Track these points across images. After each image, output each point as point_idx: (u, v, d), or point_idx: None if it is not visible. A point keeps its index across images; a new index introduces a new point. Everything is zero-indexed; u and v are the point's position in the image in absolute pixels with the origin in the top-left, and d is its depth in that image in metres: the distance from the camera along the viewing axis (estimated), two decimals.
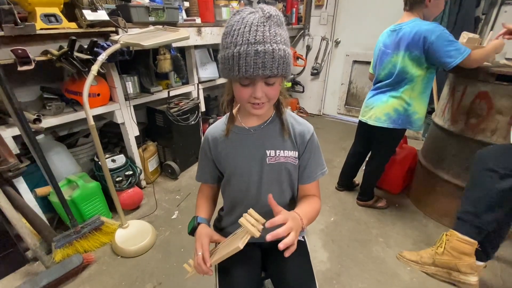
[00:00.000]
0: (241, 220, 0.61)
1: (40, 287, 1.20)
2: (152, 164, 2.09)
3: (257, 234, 0.58)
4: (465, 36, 1.48)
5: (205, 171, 0.85)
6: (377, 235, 1.61)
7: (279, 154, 0.74)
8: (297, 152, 0.76)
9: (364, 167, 1.84)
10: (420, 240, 1.56)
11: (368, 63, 3.05)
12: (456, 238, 1.20)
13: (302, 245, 0.85)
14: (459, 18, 2.36)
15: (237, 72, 0.57)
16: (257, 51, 0.55)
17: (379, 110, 1.53)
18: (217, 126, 0.80)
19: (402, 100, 1.46)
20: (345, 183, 2.02)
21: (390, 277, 1.35)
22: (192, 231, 0.79)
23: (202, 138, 0.83)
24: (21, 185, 1.37)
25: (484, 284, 1.29)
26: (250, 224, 0.60)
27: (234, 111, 0.77)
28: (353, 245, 1.54)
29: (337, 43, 3.22)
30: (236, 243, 0.63)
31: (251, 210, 0.62)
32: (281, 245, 0.57)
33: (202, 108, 2.33)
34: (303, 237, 0.90)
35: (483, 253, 1.21)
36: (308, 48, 3.40)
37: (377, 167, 1.73)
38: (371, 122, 1.57)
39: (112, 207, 1.70)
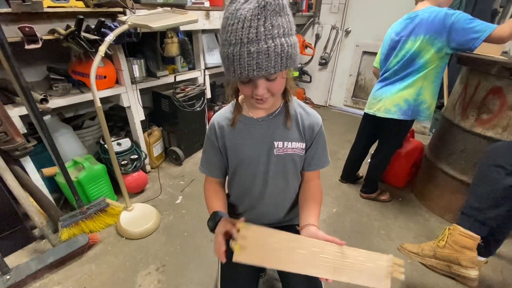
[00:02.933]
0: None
1: (47, 264, 1.24)
2: (157, 149, 2.10)
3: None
4: None
5: (212, 163, 0.81)
6: (379, 227, 1.62)
7: (286, 146, 0.74)
8: (304, 144, 0.76)
9: (368, 160, 1.83)
10: (422, 234, 1.57)
11: None
12: (458, 232, 1.20)
13: None
14: (475, 11, 2.28)
15: (233, 74, 0.55)
16: (250, 52, 0.52)
17: (388, 101, 1.51)
18: (223, 115, 0.77)
19: (413, 90, 1.43)
20: (349, 176, 2.01)
21: None
22: (214, 228, 0.69)
23: (208, 126, 0.80)
24: (28, 164, 1.38)
25: (484, 280, 1.31)
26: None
27: (240, 99, 0.75)
28: (355, 236, 1.55)
29: (347, 32, 3.14)
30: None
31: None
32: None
33: (208, 95, 2.31)
34: None
35: (486, 249, 1.21)
36: (317, 37, 3.33)
37: (383, 159, 1.72)
38: (380, 114, 1.55)
39: (117, 190, 1.72)
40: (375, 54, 2.98)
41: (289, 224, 0.88)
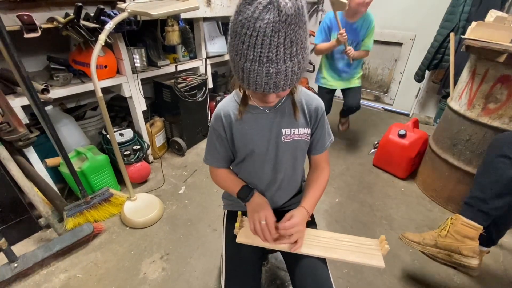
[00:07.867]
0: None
1: (53, 252, 1.26)
2: (159, 140, 2.10)
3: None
4: (492, 14, 1.39)
5: (218, 154, 0.81)
6: (381, 217, 1.63)
7: (294, 132, 0.75)
8: (309, 129, 0.77)
9: (372, 150, 1.84)
10: (424, 225, 1.57)
11: (384, 42, 2.96)
12: (461, 222, 1.19)
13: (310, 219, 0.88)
14: None
15: (247, 86, 0.55)
16: (269, 72, 0.50)
17: None
18: (228, 105, 0.76)
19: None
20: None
21: (392, 257, 1.37)
22: (249, 198, 0.79)
23: (211, 117, 0.80)
24: (32, 155, 1.39)
25: (486, 270, 1.31)
26: None
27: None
28: (357, 226, 1.56)
29: None
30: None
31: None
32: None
33: (210, 84, 2.29)
34: None
35: (488, 239, 1.21)
36: None
37: None
38: None
39: (120, 180, 1.73)
40: (380, 42, 2.95)
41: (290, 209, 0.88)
